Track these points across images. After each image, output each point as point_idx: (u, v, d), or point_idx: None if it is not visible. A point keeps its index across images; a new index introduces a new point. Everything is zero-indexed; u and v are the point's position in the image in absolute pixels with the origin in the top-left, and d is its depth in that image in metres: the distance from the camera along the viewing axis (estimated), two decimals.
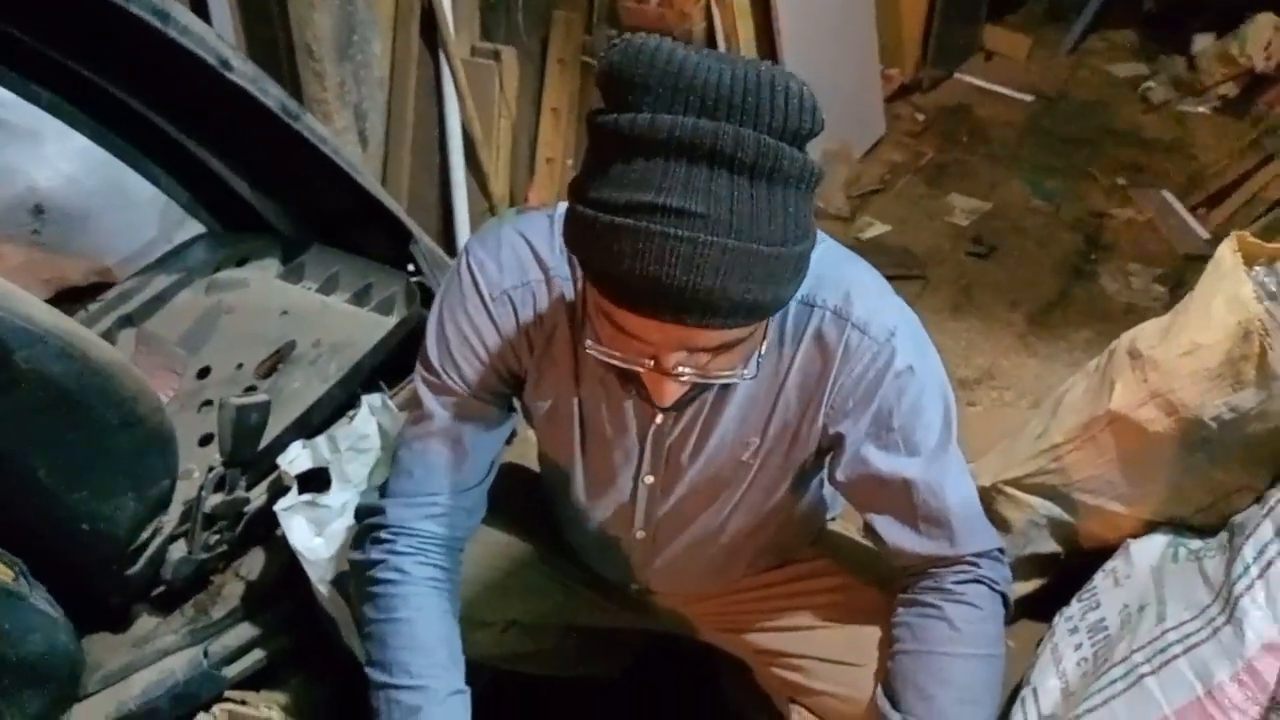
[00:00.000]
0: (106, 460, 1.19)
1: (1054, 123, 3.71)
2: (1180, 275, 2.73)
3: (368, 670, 1.08)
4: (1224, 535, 1.43)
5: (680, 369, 0.88)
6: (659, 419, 1.08)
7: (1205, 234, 2.90)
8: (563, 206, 1.08)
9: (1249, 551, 1.32)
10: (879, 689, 1.10)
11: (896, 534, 1.09)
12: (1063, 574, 1.69)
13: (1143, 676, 1.33)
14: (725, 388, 1.04)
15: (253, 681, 1.44)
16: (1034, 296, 2.74)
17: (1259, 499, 1.41)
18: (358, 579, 1.14)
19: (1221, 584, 1.34)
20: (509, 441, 1.62)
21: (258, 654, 1.44)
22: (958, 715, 1.03)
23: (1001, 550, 1.13)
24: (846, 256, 1.08)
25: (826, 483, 1.29)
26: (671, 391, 0.90)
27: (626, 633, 1.53)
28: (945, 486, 1.07)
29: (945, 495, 1.07)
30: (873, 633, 1.18)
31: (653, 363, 0.89)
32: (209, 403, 1.57)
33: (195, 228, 2.27)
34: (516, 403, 1.19)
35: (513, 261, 1.06)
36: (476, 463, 1.14)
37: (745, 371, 0.95)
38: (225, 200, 1.81)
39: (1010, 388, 2.40)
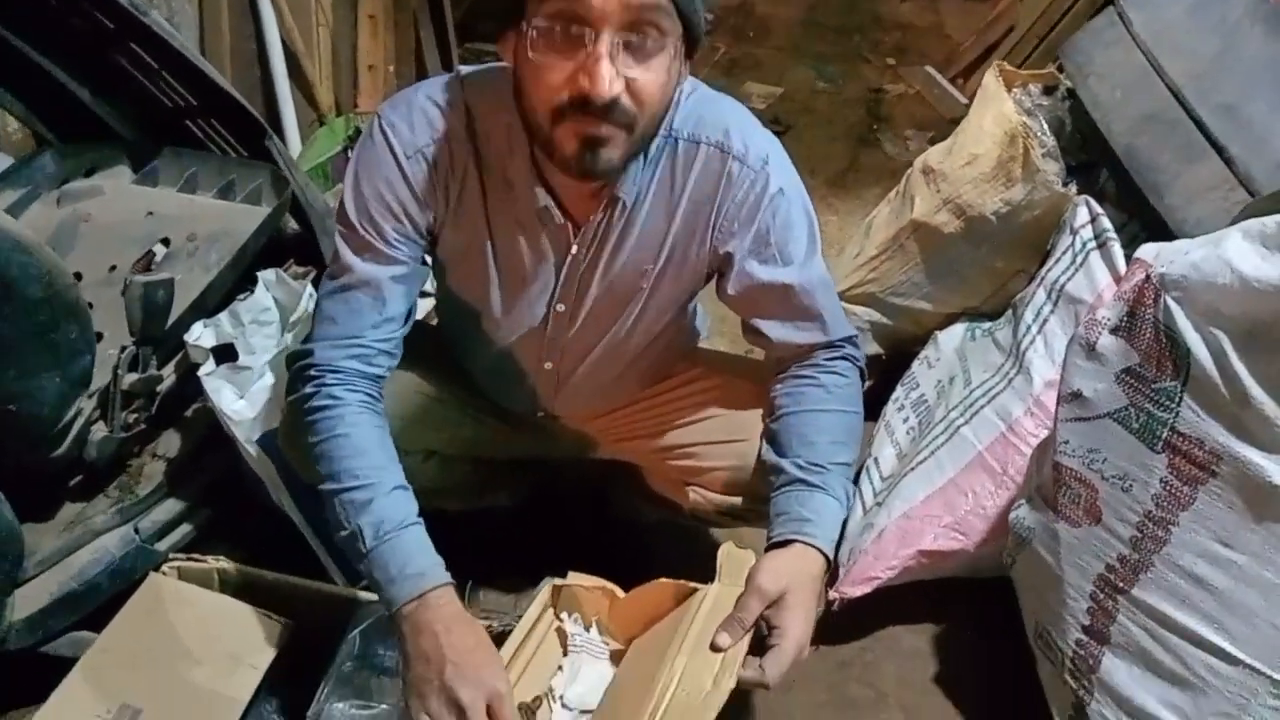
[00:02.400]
0: (29, 336, 1.23)
1: (825, 14, 4.05)
2: (949, 135, 3.11)
3: (321, 488, 1.17)
4: (1009, 313, 1.75)
5: (614, 57, 1.00)
6: (574, 250, 1.23)
7: (964, 100, 3.29)
8: (464, 69, 1.21)
9: (1028, 315, 1.64)
10: (764, 446, 1.31)
11: (780, 331, 1.29)
12: (885, 377, 1.99)
13: (959, 427, 1.63)
14: (628, 219, 1.21)
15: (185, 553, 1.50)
16: (829, 164, 3.06)
17: (1032, 278, 1.73)
18: (297, 415, 1.21)
19: (1011, 345, 1.66)
20: None
21: (186, 527, 1.52)
22: (832, 453, 1.24)
23: (856, 335, 1.35)
24: (718, 97, 1.25)
25: (697, 310, 1.50)
26: (609, 75, 1.00)
27: (528, 462, 1.70)
28: (815, 286, 1.27)
29: (815, 294, 1.28)
30: (749, 414, 1.39)
31: (591, 45, 0.99)
32: (90, 305, 1.58)
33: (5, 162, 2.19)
34: (429, 257, 1.29)
35: (423, 121, 1.17)
36: (395, 308, 1.22)
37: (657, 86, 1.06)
38: (64, 111, 1.78)
39: None
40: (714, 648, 1.06)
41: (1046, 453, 1.36)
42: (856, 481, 1.79)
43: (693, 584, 1.22)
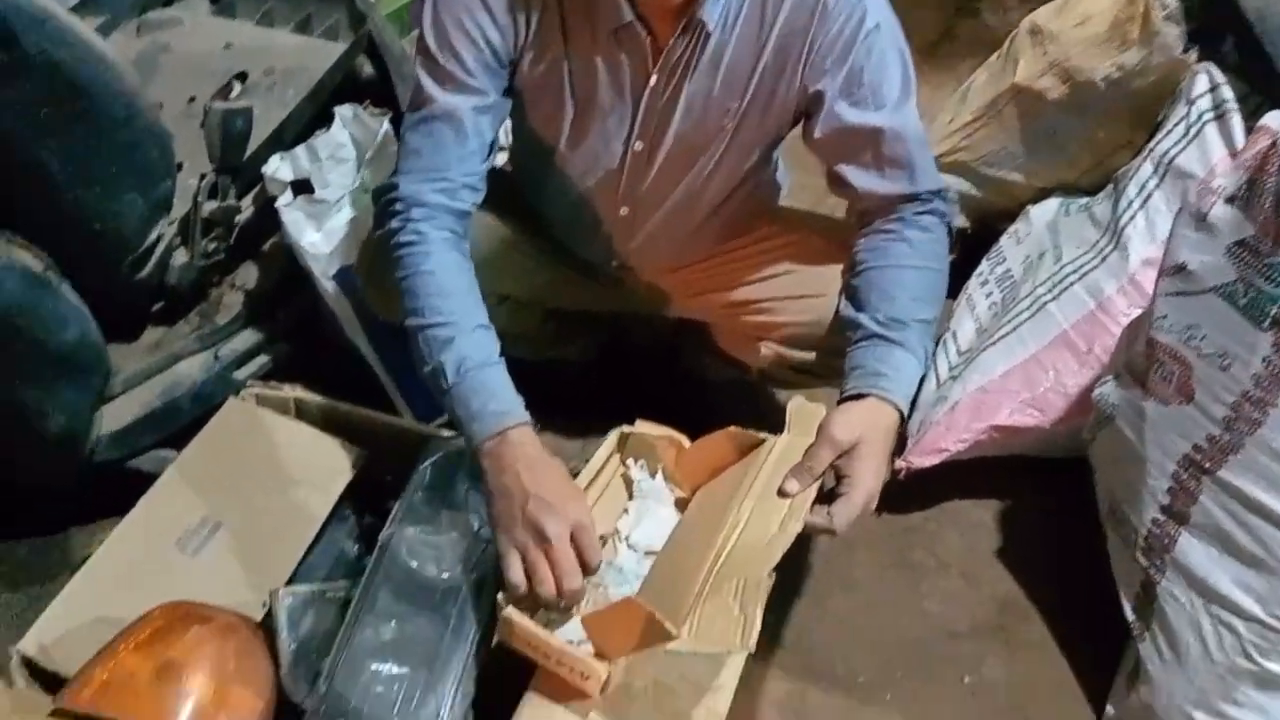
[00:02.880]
0: (113, 155, 1.23)
1: None
2: None
3: (406, 321, 1.17)
4: (1109, 187, 1.66)
5: None
6: (653, 80, 1.19)
7: None
8: None
9: (1131, 189, 1.55)
10: (842, 301, 1.27)
11: (865, 179, 1.24)
12: (969, 252, 1.92)
13: (1045, 304, 1.57)
14: (713, 51, 1.16)
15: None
16: (922, 33, 2.88)
17: (1137, 152, 1.64)
18: (383, 250, 1.21)
19: (1109, 221, 1.58)
20: None
21: (263, 358, 1.55)
22: (912, 310, 1.20)
23: (946, 189, 1.29)
24: None
25: (778, 164, 1.45)
26: None
27: (598, 317, 1.69)
28: (906, 133, 1.21)
29: (907, 140, 1.21)
30: (825, 270, 1.35)
31: None
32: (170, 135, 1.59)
33: None
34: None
35: None
36: (478, 141, 1.20)
37: None
38: None
39: None
40: (782, 493, 1.05)
41: (1140, 328, 1.30)
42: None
43: (761, 434, 1.20)
